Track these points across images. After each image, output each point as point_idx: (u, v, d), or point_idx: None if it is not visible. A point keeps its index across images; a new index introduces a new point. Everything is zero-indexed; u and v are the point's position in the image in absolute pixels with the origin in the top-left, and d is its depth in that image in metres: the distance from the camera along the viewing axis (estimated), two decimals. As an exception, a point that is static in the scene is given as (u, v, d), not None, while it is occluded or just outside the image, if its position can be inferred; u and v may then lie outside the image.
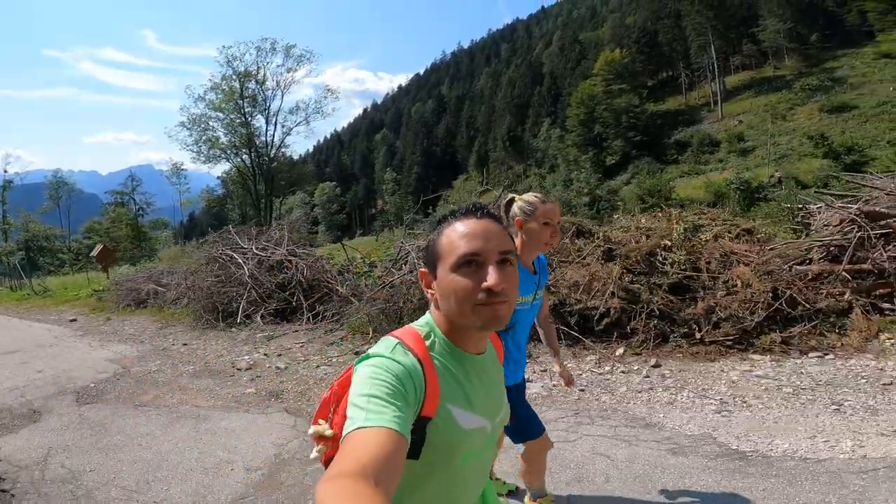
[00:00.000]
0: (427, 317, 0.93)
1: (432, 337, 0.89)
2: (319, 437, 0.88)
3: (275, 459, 2.79)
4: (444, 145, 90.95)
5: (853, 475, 2.18)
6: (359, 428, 0.69)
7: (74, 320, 9.64)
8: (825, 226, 4.58)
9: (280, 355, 5.54)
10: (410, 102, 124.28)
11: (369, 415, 0.70)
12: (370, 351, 0.84)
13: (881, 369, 3.28)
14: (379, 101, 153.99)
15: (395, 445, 0.67)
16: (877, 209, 4.18)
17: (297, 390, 4.21)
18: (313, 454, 0.90)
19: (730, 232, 4.62)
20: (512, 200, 1.96)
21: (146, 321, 8.51)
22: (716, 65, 64.23)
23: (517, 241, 1.89)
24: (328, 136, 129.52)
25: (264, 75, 25.67)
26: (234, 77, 25.19)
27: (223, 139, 25.32)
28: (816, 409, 2.90)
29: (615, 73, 65.53)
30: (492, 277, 0.82)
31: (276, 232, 8.71)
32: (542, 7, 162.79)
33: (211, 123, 25.34)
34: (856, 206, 4.32)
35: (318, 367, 4.97)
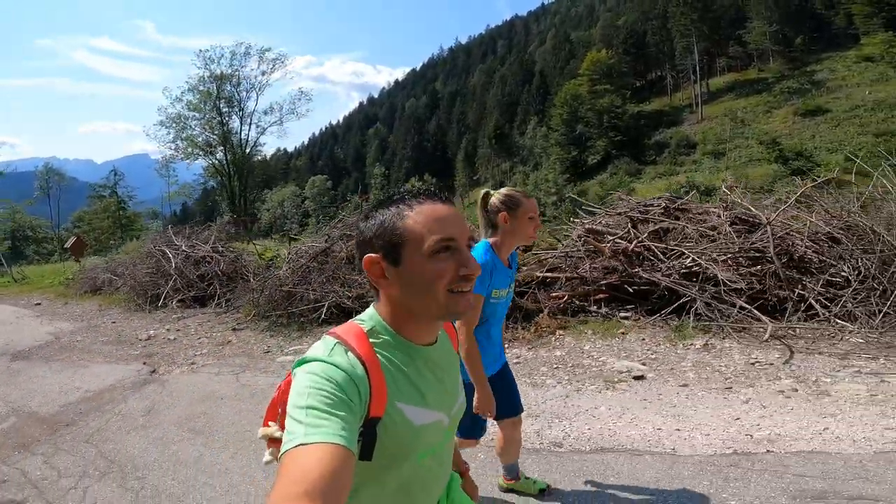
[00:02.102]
0: (370, 311, 0.87)
1: (377, 332, 0.83)
2: (270, 440, 0.86)
3: (106, 386, 4.32)
4: (435, 141, 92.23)
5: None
6: (299, 445, 0.64)
7: (39, 304, 11.13)
8: (576, 238, 6.08)
9: (179, 330, 7.05)
10: (405, 97, 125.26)
11: (309, 429, 0.66)
12: (307, 353, 0.79)
13: (534, 357, 4.70)
14: (376, 95, 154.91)
15: (339, 461, 0.63)
16: (596, 227, 5.67)
17: (167, 352, 5.73)
18: (266, 458, 0.88)
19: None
20: (488, 195, 1.97)
21: (94, 305, 10.01)
22: (698, 66, 65.34)
23: (497, 237, 1.91)
24: (323, 129, 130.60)
25: (239, 78, 27.26)
26: (210, 79, 26.78)
27: (199, 138, 26.89)
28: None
29: (600, 73, 66.78)
30: (470, 263, 0.81)
31: (207, 232, 10.23)
32: (542, 4, 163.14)
33: (189, 123, 26.91)
34: (586, 224, 5.82)
35: (199, 338, 6.49)
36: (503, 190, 1.97)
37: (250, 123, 28.23)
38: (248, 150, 28.29)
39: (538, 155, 69.50)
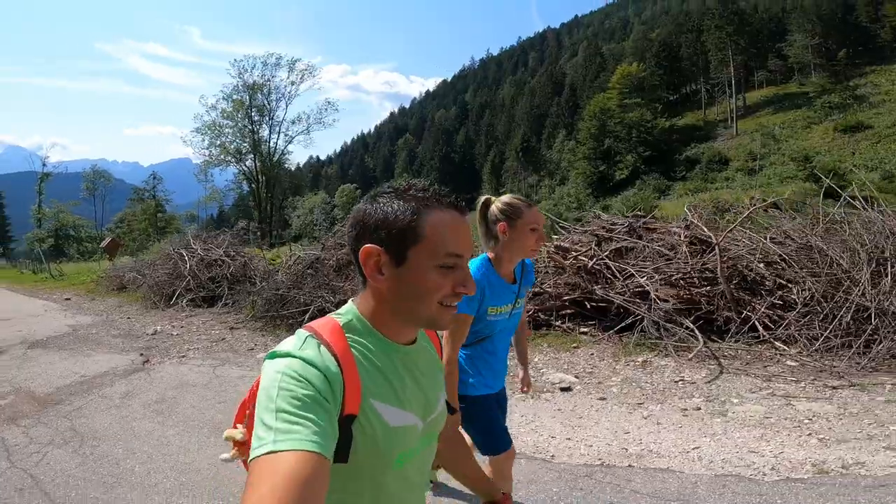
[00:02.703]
0: (348, 305, 0.84)
1: (354, 327, 0.80)
2: (235, 442, 0.85)
3: (100, 373, 4.79)
4: (463, 153, 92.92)
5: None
6: (269, 452, 0.60)
7: (68, 299, 12.00)
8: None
9: (183, 327, 7.58)
10: (436, 108, 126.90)
11: (278, 435, 0.62)
12: (278, 347, 0.74)
13: None
14: (408, 105, 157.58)
15: (312, 469, 0.60)
16: (563, 244, 5.87)
17: (164, 346, 6.22)
18: (224, 455, 0.87)
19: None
20: (489, 202, 1.85)
21: (116, 301, 10.75)
22: (733, 80, 63.93)
23: (497, 248, 1.80)
24: (354, 138, 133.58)
25: (270, 88, 28.59)
26: (243, 88, 28.22)
27: (232, 145, 28.30)
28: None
29: (631, 86, 66.14)
30: (469, 283, 0.79)
31: (221, 237, 10.86)
32: (576, 16, 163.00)
33: (223, 130, 28.34)
34: (555, 241, 6.03)
35: (198, 335, 6.98)
36: (504, 198, 1.82)
37: (279, 132, 29.74)
38: (275, 158, 29.58)
39: (565, 169, 69.14)
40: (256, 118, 28.92)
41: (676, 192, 55.54)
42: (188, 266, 9.85)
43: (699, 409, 3.15)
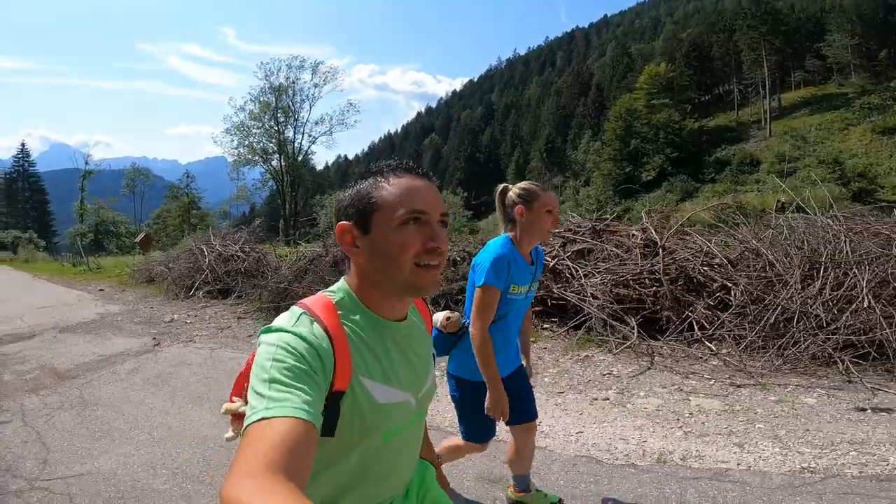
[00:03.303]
0: (340, 283, 0.88)
1: (346, 302, 0.84)
2: (234, 415, 0.87)
3: (115, 353, 5.48)
4: (488, 153, 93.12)
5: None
6: (261, 419, 0.63)
7: (102, 290, 13.00)
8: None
9: (196, 315, 8.31)
10: (462, 108, 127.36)
11: (270, 402, 0.65)
12: (273, 323, 0.79)
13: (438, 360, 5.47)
14: (434, 106, 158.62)
15: (302, 435, 0.63)
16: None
17: (176, 332, 6.91)
18: (228, 434, 0.89)
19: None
20: (506, 189, 1.97)
21: (143, 292, 11.66)
22: (767, 81, 62.12)
23: (516, 230, 1.90)
24: (381, 137, 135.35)
25: (294, 89, 29.79)
26: (270, 90, 29.55)
27: (259, 145, 29.62)
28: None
29: (659, 87, 65.06)
30: (438, 237, 0.81)
31: (238, 234, 11.64)
32: (605, 16, 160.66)
33: (251, 131, 29.68)
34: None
35: (208, 323, 7.67)
36: (521, 184, 1.95)
37: (303, 133, 30.95)
38: (300, 158, 30.77)
39: (590, 170, 68.55)
40: (282, 119, 30.27)
41: (704, 195, 54.53)
42: (207, 261, 10.64)
43: (607, 399, 3.53)
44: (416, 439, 0.95)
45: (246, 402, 0.78)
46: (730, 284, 4.57)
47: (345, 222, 0.84)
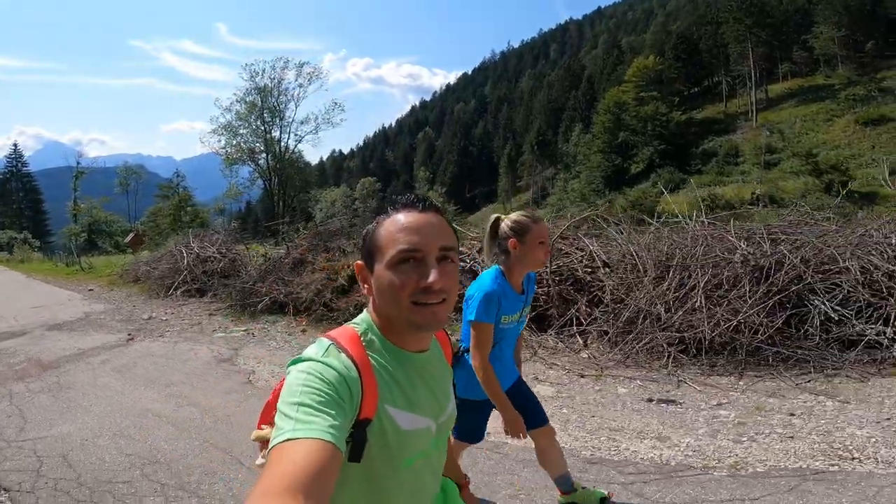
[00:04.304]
0: (364, 315, 0.91)
1: (370, 336, 0.87)
2: (263, 442, 0.89)
3: (93, 347, 6.34)
4: (481, 146, 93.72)
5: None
6: (287, 440, 0.66)
7: (91, 290, 13.80)
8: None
9: (173, 313, 9.16)
10: (456, 102, 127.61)
11: (298, 424, 0.68)
12: (302, 353, 0.82)
13: None
14: (429, 99, 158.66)
15: (325, 457, 0.65)
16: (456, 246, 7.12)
17: (151, 328, 7.76)
18: (259, 461, 0.92)
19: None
20: (498, 220, 2.02)
21: (129, 292, 12.49)
22: (753, 72, 62.74)
23: (509, 262, 1.96)
24: (376, 131, 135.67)
25: (279, 90, 30.62)
26: (255, 91, 30.36)
27: (245, 145, 30.49)
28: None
29: (647, 79, 65.66)
30: (432, 275, 0.81)
31: (216, 235, 12.49)
32: (599, 8, 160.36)
33: (238, 131, 30.52)
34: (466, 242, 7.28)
35: (182, 320, 8.53)
36: (513, 216, 2.01)
37: (289, 132, 31.84)
38: (286, 157, 31.68)
39: (580, 162, 69.32)
40: (268, 119, 31.12)
41: (692, 186, 55.36)
42: (186, 262, 11.49)
43: None
44: (437, 465, 0.98)
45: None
46: (603, 284, 5.43)
47: (359, 262, 0.90)
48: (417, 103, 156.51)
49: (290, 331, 7.04)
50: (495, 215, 2.06)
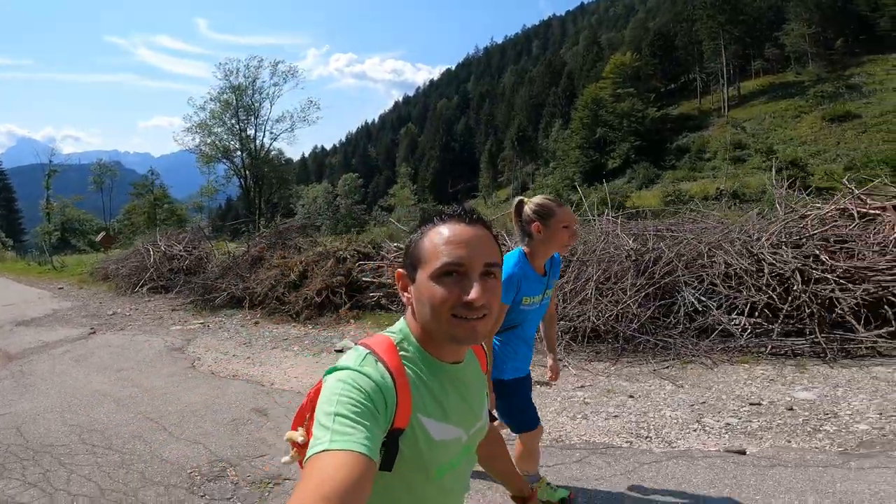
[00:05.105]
0: (401, 323, 0.92)
1: (405, 345, 0.88)
2: (294, 443, 0.93)
3: (56, 340, 6.82)
4: (463, 142, 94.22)
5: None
6: (324, 451, 0.68)
7: (61, 288, 14.09)
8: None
9: (137, 309, 9.63)
10: (438, 97, 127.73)
11: (335, 436, 0.70)
12: (339, 362, 0.84)
13: (315, 333, 6.90)
14: (412, 94, 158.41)
15: (361, 470, 0.67)
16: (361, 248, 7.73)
17: (114, 322, 8.23)
18: (285, 458, 0.97)
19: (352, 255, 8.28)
20: (522, 203, 2.04)
21: (97, 290, 12.85)
22: (725, 69, 64.17)
23: (532, 244, 1.99)
24: (359, 127, 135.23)
25: (253, 89, 30.82)
26: (229, 90, 30.52)
27: (219, 143, 30.68)
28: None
29: (625, 76, 66.76)
30: (474, 291, 0.81)
31: (182, 234, 12.92)
32: (581, 3, 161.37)
33: (213, 130, 30.70)
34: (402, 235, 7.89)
35: (146, 315, 9.02)
36: (536, 199, 2.00)
37: (265, 131, 32.15)
38: (262, 155, 31.96)
39: (560, 158, 70.27)
40: (243, 117, 31.36)
41: (666, 180, 56.71)
42: (152, 259, 11.93)
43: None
44: (464, 477, 1.00)
45: (307, 432, 0.89)
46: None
47: (400, 269, 0.91)
48: (398, 100, 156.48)
49: (244, 323, 7.60)
50: (519, 198, 2.10)
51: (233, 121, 31.43)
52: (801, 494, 2.43)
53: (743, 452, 2.89)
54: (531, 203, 2.01)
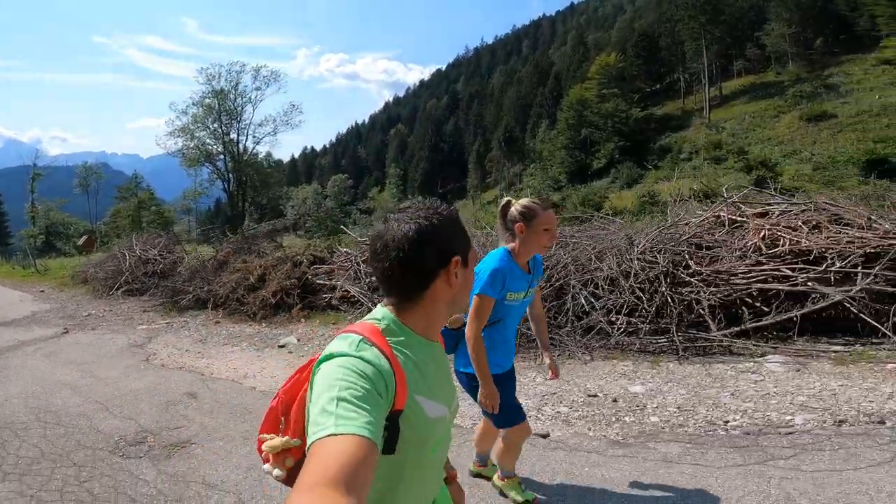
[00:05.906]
0: (382, 311, 0.95)
1: (392, 330, 0.92)
2: (284, 451, 0.90)
3: (31, 339, 7.51)
4: (452, 142, 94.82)
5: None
6: (329, 435, 0.69)
7: (42, 291, 14.68)
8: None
9: (111, 310, 10.31)
10: (429, 98, 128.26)
11: (339, 420, 0.70)
12: (332, 349, 0.85)
13: (265, 332, 7.64)
14: (402, 95, 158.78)
15: (366, 453, 0.68)
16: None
17: (88, 322, 8.90)
18: (277, 472, 0.90)
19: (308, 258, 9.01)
20: (508, 203, 2.15)
21: (76, 292, 13.49)
22: (705, 70, 65.24)
23: (515, 243, 2.10)
24: (349, 128, 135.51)
25: (236, 93, 31.50)
26: (211, 94, 31.17)
27: (202, 147, 31.33)
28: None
29: (610, 76, 67.68)
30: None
31: (158, 239, 13.59)
32: (571, 4, 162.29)
33: (195, 134, 31.32)
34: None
35: (118, 316, 9.70)
36: (523, 201, 2.10)
37: (247, 134, 32.85)
38: (245, 159, 32.68)
39: (546, 159, 71.07)
40: (225, 121, 31.96)
41: (650, 181, 57.66)
42: (127, 263, 12.60)
43: (291, 352, 5.82)
44: (445, 453, 1.05)
45: (290, 432, 0.90)
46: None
47: (457, 257, 0.96)
48: (388, 101, 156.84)
49: (206, 323, 8.32)
50: (506, 198, 2.22)
51: (215, 125, 32.10)
52: (554, 474, 2.77)
53: (546, 436, 3.26)
54: (518, 204, 2.14)
